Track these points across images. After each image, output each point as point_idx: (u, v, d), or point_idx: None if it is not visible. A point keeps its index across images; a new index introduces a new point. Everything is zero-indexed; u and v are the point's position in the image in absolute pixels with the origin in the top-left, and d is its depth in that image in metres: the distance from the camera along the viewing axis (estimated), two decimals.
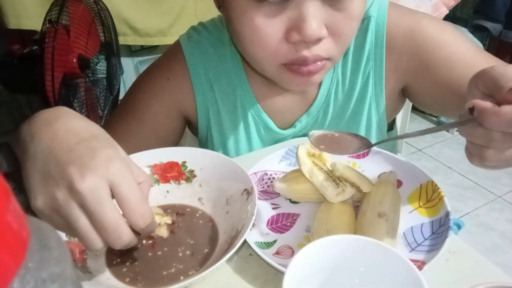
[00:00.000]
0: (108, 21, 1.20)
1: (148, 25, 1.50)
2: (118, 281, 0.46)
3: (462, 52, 0.60)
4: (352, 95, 0.70)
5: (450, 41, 0.61)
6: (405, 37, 0.63)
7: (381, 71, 0.67)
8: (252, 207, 0.48)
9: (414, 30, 0.63)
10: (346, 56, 0.67)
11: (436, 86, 0.62)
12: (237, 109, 0.72)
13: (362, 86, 0.68)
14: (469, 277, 0.45)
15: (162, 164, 0.58)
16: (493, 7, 2.01)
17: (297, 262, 0.36)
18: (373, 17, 0.65)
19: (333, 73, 0.68)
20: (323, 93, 0.70)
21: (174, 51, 0.71)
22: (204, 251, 0.49)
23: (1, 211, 0.16)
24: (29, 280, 0.17)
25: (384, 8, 0.65)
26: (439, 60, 0.61)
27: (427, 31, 0.62)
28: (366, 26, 0.65)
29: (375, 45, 0.65)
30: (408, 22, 0.63)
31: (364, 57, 0.66)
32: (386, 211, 0.49)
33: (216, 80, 0.70)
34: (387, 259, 0.36)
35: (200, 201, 0.56)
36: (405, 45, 0.64)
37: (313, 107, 0.71)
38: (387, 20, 0.64)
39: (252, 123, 0.72)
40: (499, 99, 0.37)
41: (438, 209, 0.52)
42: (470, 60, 0.59)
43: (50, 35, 0.98)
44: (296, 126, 0.73)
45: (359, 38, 0.66)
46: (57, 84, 1.00)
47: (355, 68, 0.68)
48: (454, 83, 0.59)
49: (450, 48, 0.61)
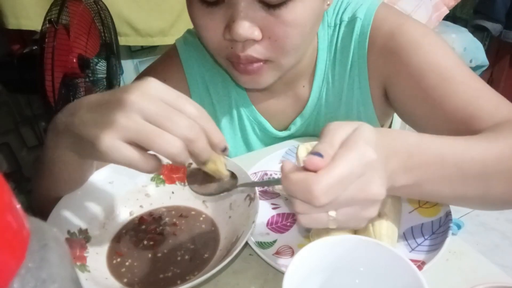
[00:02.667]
0: (108, 21, 1.20)
1: (148, 25, 1.50)
2: (116, 281, 0.46)
3: (437, 62, 0.56)
4: (341, 98, 0.69)
5: (428, 49, 0.57)
6: (385, 38, 0.60)
7: (364, 73, 0.64)
8: (253, 214, 0.48)
9: (394, 32, 0.59)
10: (333, 57, 0.67)
11: (406, 93, 0.59)
12: (233, 112, 0.72)
13: (348, 88, 0.67)
14: (469, 277, 0.45)
15: (169, 165, 0.58)
16: (493, 7, 2.01)
17: (297, 262, 0.36)
18: (360, 18, 0.63)
19: (323, 75, 0.68)
20: (315, 95, 0.69)
21: (170, 54, 0.71)
22: (203, 256, 0.48)
23: (1, 211, 0.16)
24: (29, 280, 0.17)
25: (373, 9, 0.62)
26: (411, 66, 0.57)
27: (407, 35, 0.59)
28: (351, 28, 0.63)
29: (359, 47, 0.63)
30: (390, 24, 0.60)
31: (349, 60, 0.65)
32: (386, 211, 0.49)
33: (212, 82, 0.71)
34: (387, 259, 0.36)
35: (204, 204, 0.56)
36: (384, 46, 0.61)
37: (306, 109, 0.71)
38: (372, 21, 0.62)
39: (248, 125, 0.73)
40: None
41: (438, 209, 0.52)
42: (444, 72, 0.55)
43: (50, 35, 0.98)
44: (291, 129, 0.73)
45: (345, 40, 0.65)
46: (57, 84, 1.00)
47: (341, 70, 0.67)
48: (423, 93, 0.56)
49: (426, 56, 0.57)
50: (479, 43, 1.98)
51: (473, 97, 0.53)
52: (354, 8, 0.64)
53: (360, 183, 0.35)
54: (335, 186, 0.34)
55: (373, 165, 0.35)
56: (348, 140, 0.36)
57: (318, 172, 0.34)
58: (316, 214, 0.36)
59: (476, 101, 0.52)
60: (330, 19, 0.66)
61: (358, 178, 0.35)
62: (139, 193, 0.57)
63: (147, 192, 0.57)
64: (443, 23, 1.92)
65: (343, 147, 0.36)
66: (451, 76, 0.55)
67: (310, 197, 0.34)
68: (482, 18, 2.06)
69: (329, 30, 0.66)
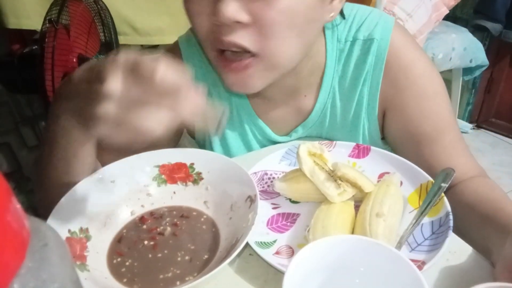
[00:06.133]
0: (108, 20, 1.20)
1: (148, 25, 1.50)
2: (116, 281, 0.46)
3: (437, 112, 0.64)
4: (349, 112, 0.69)
5: (433, 96, 0.64)
6: (400, 71, 0.64)
7: (376, 93, 0.66)
8: (253, 216, 0.48)
9: (408, 67, 0.64)
10: (345, 72, 0.67)
11: (399, 126, 0.66)
12: (233, 115, 0.72)
13: (357, 104, 0.68)
14: (469, 277, 0.45)
15: (170, 165, 0.58)
16: (493, 7, 2.01)
17: (297, 262, 0.36)
18: (376, 40, 0.63)
19: (330, 87, 0.68)
20: (319, 107, 0.69)
21: (172, 52, 0.71)
22: (203, 257, 0.48)
23: (1, 211, 0.16)
24: (29, 280, 0.17)
25: (388, 32, 0.63)
26: (414, 109, 0.64)
27: (417, 75, 0.64)
28: (368, 48, 0.64)
29: (374, 68, 0.65)
30: (406, 56, 0.64)
31: (362, 77, 0.66)
32: (385, 211, 0.49)
33: (214, 84, 0.70)
34: (387, 259, 0.36)
35: (205, 204, 0.56)
36: (396, 77, 0.64)
37: (309, 120, 0.70)
38: (389, 45, 0.63)
39: (248, 129, 0.73)
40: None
41: (438, 209, 0.52)
42: (440, 125, 0.64)
43: (50, 34, 0.98)
44: (292, 136, 0.73)
45: (360, 57, 0.65)
46: (57, 84, 1.00)
47: (352, 86, 0.67)
48: (416, 136, 0.65)
49: (431, 104, 0.64)
50: (479, 43, 1.98)
51: (455, 156, 0.63)
52: (369, 28, 0.64)
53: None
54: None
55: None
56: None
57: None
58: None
59: (456, 160, 0.62)
60: (341, 34, 0.66)
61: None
62: (141, 193, 0.57)
63: (149, 191, 0.57)
64: (443, 23, 1.91)
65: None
66: (445, 131, 0.64)
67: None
68: (482, 18, 2.06)
69: (339, 45, 0.66)
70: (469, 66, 1.98)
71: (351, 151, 0.63)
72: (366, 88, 0.66)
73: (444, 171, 0.56)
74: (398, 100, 0.65)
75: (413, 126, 0.65)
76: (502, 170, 2.06)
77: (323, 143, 0.61)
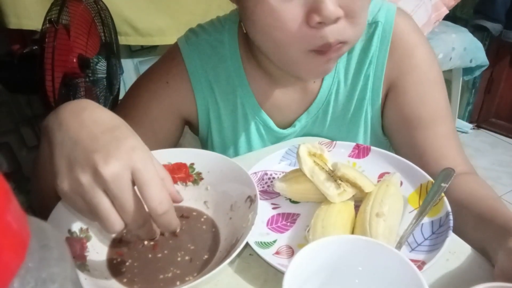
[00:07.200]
0: (108, 21, 1.20)
1: (148, 25, 1.50)
2: (115, 281, 0.46)
3: (437, 98, 0.66)
4: (353, 97, 0.70)
5: (428, 79, 0.66)
6: (404, 54, 0.66)
7: (380, 75, 0.68)
8: (252, 216, 0.48)
9: (412, 50, 0.66)
10: (350, 57, 0.68)
11: (398, 108, 0.68)
12: (237, 109, 0.72)
13: (362, 88, 0.69)
14: (469, 277, 0.45)
15: (170, 165, 0.58)
16: (493, 7, 2.01)
17: (297, 262, 0.36)
18: (381, 22, 0.66)
19: (334, 73, 0.69)
20: (324, 92, 0.70)
21: (172, 54, 0.71)
22: (203, 258, 0.48)
23: (1, 211, 0.16)
24: (29, 280, 0.17)
25: (392, 15, 0.66)
26: (416, 92, 0.66)
27: (421, 59, 0.66)
28: (373, 31, 0.66)
29: (379, 50, 0.67)
30: (413, 41, 0.67)
31: (367, 60, 0.68)
32: (385, 211, 0.49)
33: (216, 81, 0.70)
34: (387, 259, 0.36)
35: (205, 204, 0.56)
36: (400, 60, 0.67)
37: (313, 106, 0.71)
38: (393, 28, 0.66)
39: (252, 123, 0.73)
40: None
41: (438, 209, 0.52)
42: (438, 111, 0.66)
43: (50, 35, 0.98)
44: (296, 126, 0.73)
45: (365, 41, 0.67)
46: (57, 84, 1.00)
47: (358, 70, 0.69)
48: (413, 121, 0.66)
49: (420, 84, 0.66)
50: (479, 43, 1.98)
51: (448, 147, 0.65)
52: (373, 12, 0.67)
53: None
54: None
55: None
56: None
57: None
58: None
59: (448, 151, 0.64)
60: None
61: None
62: None
63: None
64: (443, 23, 1.91)
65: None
66: (441, 120, 0.65)
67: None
68: (482, 18, 2.06)
69: None
70: (469, 66, 1.98)
71: (351, 151, 0.63)
72: (372, 70, 0.68)
73: (444, 171, 0.56)
74: (400, 82, 0.67)
75: (410, 110, 0.66)
76: (502, 170, 2.06)
77: (323, 143, 0.62)
